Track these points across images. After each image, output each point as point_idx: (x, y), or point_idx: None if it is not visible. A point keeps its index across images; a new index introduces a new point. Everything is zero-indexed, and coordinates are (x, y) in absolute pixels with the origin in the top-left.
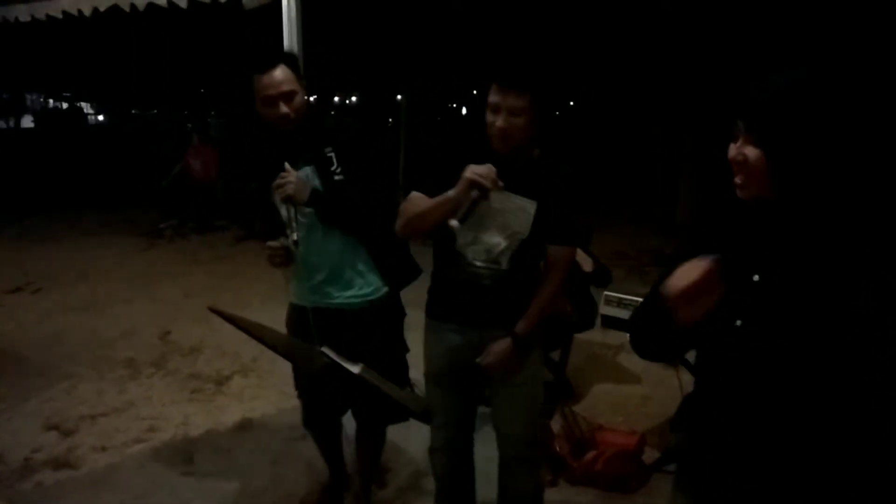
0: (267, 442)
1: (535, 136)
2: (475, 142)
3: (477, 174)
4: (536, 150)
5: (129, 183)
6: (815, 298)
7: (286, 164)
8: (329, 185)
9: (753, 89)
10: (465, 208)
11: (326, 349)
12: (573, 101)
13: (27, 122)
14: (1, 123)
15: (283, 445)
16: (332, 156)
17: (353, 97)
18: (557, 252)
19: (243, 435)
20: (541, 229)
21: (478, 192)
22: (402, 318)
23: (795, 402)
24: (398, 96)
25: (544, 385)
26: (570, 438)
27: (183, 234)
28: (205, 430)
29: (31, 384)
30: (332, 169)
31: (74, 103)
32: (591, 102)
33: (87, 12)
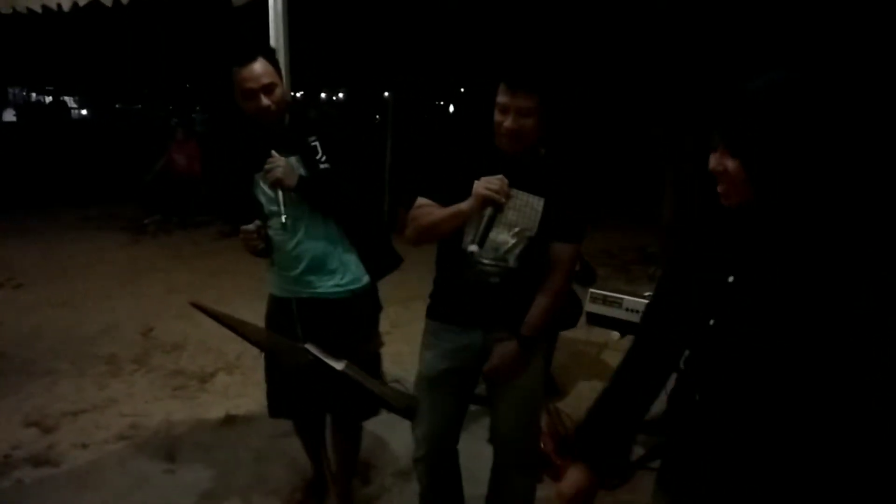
0: (250, 439)
1: (544, 135)
2: (478, 139)
3: (491, 190)
4: (542, 149)
5: (112, 178)
6: (787, 298)
7: (273, 151)
8: (315, 173)
9: (727, 99)
10: (481, 229)
11: (310, 345)
12: (578, 100)
13: (9, 115)
14: None
15: (267, 443)
16: (316, 145)
17: (340, 94)
18: (562, 250)
19: (226, 432)
20: (548, 226)
21: (492, 210)
22: (378, 311)
23: (766, 397)
24: (385, 93)
25: None
26: (555, 436)
27: (166, 229)
28: (187, 427)
29: (11, 380)
30: (318, 158)
31: (58, 97)
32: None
33: (67, 7)
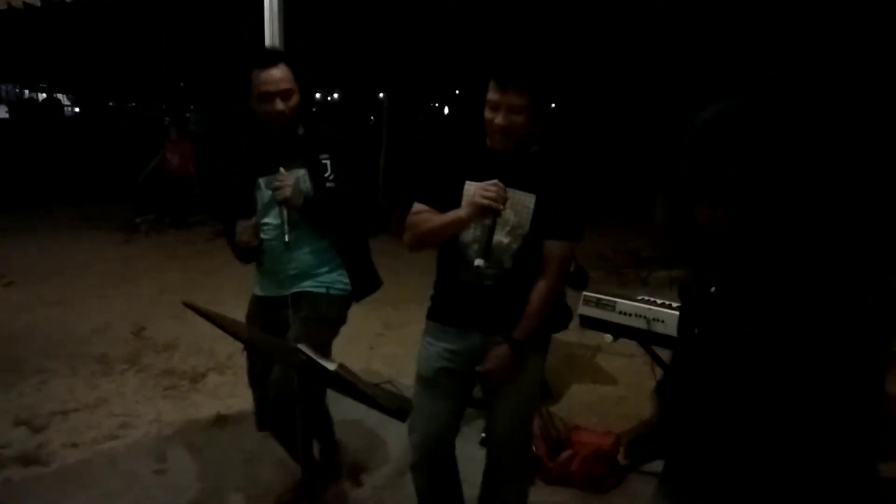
0: (241, 440)
1: (535, 133)
2: (468, 138)
3: (488, 199)
4: (534, 146)
5: (105, 176)
6: (763, 308)
7: (281, 168)
8: (320, 191)
9: (684, 154)
10: (485, 242)
11: (302, 346)
12: (571, 99)
13: (2, 112)
14: None
15: (258, 444)
16: (326, 163)
17: (335, 94)
18: (555, 247)
19: (217, 432)
20: (540, 224)
21: (491, 219)
22: (341, 323)
23: (744, 399)
24: (380, 94)
25: None
26: (547, 439)
27: (160, 229)
28: (178, 427)
29: (1, 379)
30: (326, 175)
31: (51, 94)
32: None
33: None
